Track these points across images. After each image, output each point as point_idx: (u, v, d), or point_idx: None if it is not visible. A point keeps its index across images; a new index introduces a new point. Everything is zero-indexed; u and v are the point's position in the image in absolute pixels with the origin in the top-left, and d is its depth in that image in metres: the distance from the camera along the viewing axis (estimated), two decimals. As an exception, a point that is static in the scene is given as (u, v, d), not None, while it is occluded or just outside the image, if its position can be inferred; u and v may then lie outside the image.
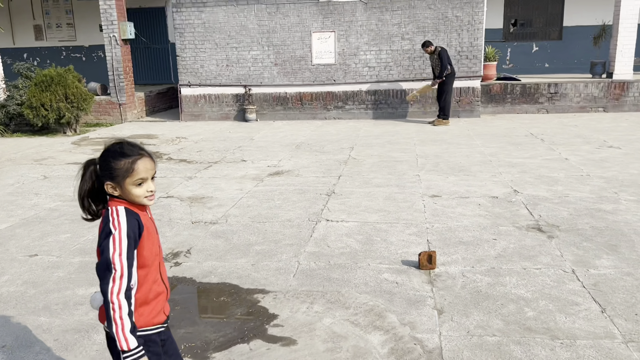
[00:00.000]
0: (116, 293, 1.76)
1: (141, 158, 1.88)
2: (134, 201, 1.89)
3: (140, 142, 2.02)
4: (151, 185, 1.91)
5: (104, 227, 1.84)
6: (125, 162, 1.85)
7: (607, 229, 4.68)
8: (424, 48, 10.45)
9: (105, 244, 1.79)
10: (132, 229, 1.83)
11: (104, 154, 1.89)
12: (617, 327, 3.13)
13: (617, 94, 11.56)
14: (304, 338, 3.14)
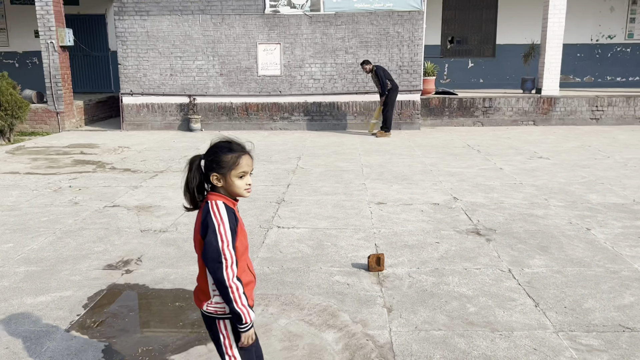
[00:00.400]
0: (232, 278, 1.99)
1: (245, 154, 2.09)
2: (235, 192, 2.09)
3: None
4: (249, 179, 2.12)
5: (204, 218, 2.02)
6: (232, 157, 2.05)
7: (538, 232, 5.05)
8: (362, 67, 10.79)
9: (213, 237, 1.99)
10: (232, 222, 2.03)
11: (212, 149, 2.09)
12: (549, 319, 3.42)
13: (546, 109, 12.36)
14: (261, 338, 3.23)
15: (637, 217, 5.47)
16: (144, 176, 7.60)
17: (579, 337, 3.19)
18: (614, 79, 15.23)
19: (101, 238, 5.02)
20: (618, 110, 12.32)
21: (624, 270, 4.17)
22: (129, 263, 4.42)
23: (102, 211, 5.89)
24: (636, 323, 3.35)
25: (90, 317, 3.52)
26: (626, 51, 15.12)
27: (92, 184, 7.13)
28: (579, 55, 15.05)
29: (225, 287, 1.99)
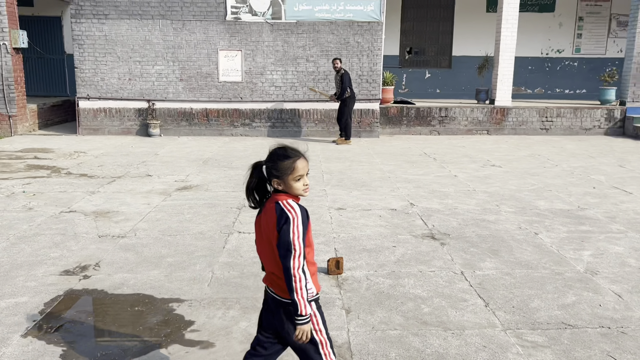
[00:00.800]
0: (297, 268, 2.18)
1: (300, 158, 2.28)
2: (294, 193, 2.29)
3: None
4: (307, 180, 2.31)
5: (280, 215, 2.22)
6: (288, 162, 2.25)
7: (490, 237, 5.28)
8: (333, 61, 10.96)
9: (286, 229, 2.19)
10: (304, 217, 2.24)
11: (270, 156, 2.30)
12: (498, 318, 3.61)
13: (499, 119, 12.83)
14: (221, 341, 3.28)
15: (581, 222, 5.79)
16: (101, 181, 7.49)
17: (525, 335, 3.38)
18: (562, 91, 15.93)
19: (57, 244, 4.94)
20: (566, 121, 12.91)
21: (567, 272, 4.41)
22: (86, 269, 4.38)
23: (58, 217, 5.79)
24: (577, 320, 3.57)
25: (47, 322, 3.48)
26: (574, 65, 15.86)
27: (47, 189, 6.98)
28: (530, 68, 15.70)
29: (290, 275, 2.19)
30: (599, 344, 3.27)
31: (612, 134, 12.90)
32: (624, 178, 8.08)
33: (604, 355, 3.15)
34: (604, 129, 12.92)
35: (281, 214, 2.22)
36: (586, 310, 3.73)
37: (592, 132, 12.91)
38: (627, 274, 4.38)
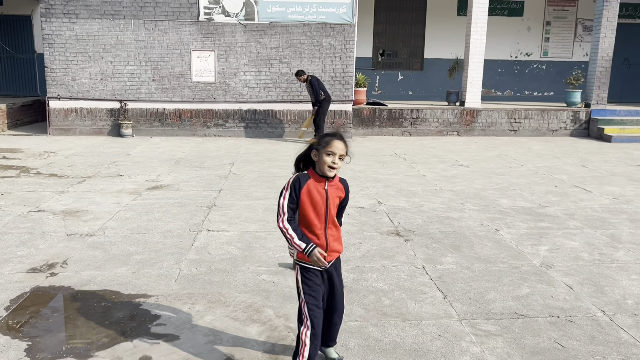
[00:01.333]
0: (281, 221, 2.75)
1: (337, 139, 2.73)
2: (322, 168, 2.73)
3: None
4: (337, 160, 2.71)
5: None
6: (329, 138, 2.73)
7: (452, 233, 5.46)
8: (297, 77, 11.08)
9: (280, 195, 2.79)
10: (294, 184, 2.76)
11: (322, 136, 2.80)
12: (455, 309, 3.76)
13: (469, 120, 13.11)
14: (186, 334, 3.36)
15: (541, 219, 6.01)
16: (71, 181, 7.47)
17: (479, 324, 3.54)
18: (531, 94, 16.34)
19: (24, 242, 4.95)
20: (534, 123, 13.26)
21: (524, 265, 4.61)
22: (54, 266, 4.40)
23: (26, 216, 5.78)
24: (529, 311, 3.75)
25: (13, 318, 3.51)
26: (542, 68, 16.28)
27: (15, 189, 6.93)
28: (499, 71, 16.06)
29: (281, 231, 2.75)
30: (547, 332, 3.45)
31: (577, 135, 13.29)
32: (585, 177, 8.38)
33: (552, 342, 3.33)
34: (569, 131, 13.31)
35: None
36: (538, 301, 3.91)
37: (559, 133, 13.29)
38: (580, 267, 4.59)
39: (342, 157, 2.74)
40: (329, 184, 2.81)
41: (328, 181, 2.80)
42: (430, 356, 3.14)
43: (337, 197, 2.87)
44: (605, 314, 3.71)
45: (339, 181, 2.89)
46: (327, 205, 2.81)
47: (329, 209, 2.82)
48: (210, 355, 3.11)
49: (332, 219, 2.86)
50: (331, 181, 2.82)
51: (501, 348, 3.25)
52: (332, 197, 2.83)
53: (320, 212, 2.80)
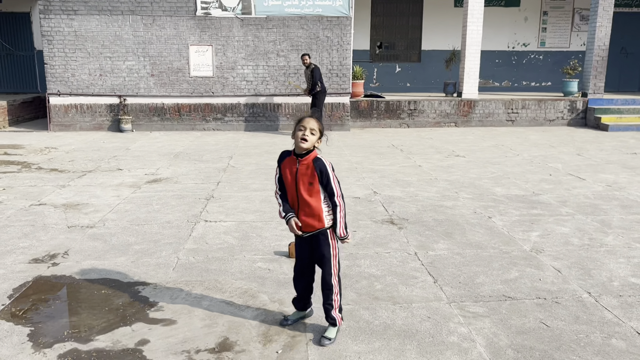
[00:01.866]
0: (274, 193, 3.27)
1: (308, 117, 3.05)
2: (296, 143, 3.05)
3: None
4: (307, 133, 3.00)
5: None
6: (301, 117, 3.08)
7: (446, 221, 5.56)
8: (302, 57, 11.15)
9: None
10: (278, 158, 3.18)
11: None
12: (445, 292, 3.87)
13: (466, 111, 13.18)
14: (183, 318, 3.48)
15: (534, 207, 6.11)
16: (71, 176, 7.58)
17: (467, 307, 3.65)
18: (529, 84, 16.39)
19: (27, 234, 5.06)
20: (531, 113, 13.33)
21: (514, 251, 4.71)
22: (55, 257, 4.52)
23: (27, 209, 5.89)
24: (517, 293, 3.86)
25: (16, 306, 3.63)
26: (539, 58, 16.31)
27: (17, 184, 7.05)
28: (497, 61, 16.10)
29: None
30: (534, 313, 3.56)
31: (574, 124, 13.36)
32: (580, 166, 8.46)
33: (537, 322, 3.43)
34: (567, 120, 13.38)
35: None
36: (527, 284, 4.02)
37: (556, 123, 13.35)
38: (569, 251, 4.70)
39: (314, 132, 3.01)
40: (300, 163, 3.05)
41: (299, 161, 3.05)
42: (419, 337, 3.25)
43: (308, 177, 3.04)
44: (591, 295, 3.82)
45: (312, 161, 3.05)
46: (296, 183, 3.06)
47: (299, 188, 3.06)
48: (207, 338, 3.22)
49: (302, 198, 3.06)
50: (302, 160, 3.04)
51: (488, 328, 3.36)
52: (301, 176, 3.05)
53: (291, 189, 3.10)
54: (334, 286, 3.21)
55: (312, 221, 3.10)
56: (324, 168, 3.04)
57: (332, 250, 3.17)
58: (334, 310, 3.21)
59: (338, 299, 3.23)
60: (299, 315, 3.42)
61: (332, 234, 3.16)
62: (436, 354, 3.06)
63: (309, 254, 3.24)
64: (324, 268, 3.20)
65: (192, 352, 3.07)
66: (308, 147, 3.03)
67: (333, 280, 3.20)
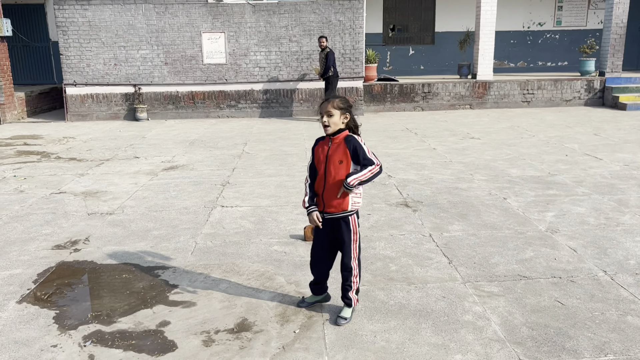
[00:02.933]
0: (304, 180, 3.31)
1: (322, 102, 3.09)
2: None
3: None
4: (325, 118, 3.04)
5: None
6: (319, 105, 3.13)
7: (460, 202, 5.56)
8: (319, 39, 11.12)
9: None
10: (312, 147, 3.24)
11: None
12: (459, 272, 3.90)
13: (481, 93, 13.06)
14: (202, 301, 3.56)
15: (549, 187, 6.08)
16: (90, 164, 7.71)
17: (482, 286, 3.68)
18: (544, 64, 16.15)
19: (48, 222, 5.19)
20: (547, 93, 13.16)
21: (529, 231, 4.71)
22: (76, 243, 4.63)
23: (48, 197, 6.02)
24: (532, 273, 3.87)
25: (41, 290, 3.74)
26: (555, 37, 16.05)
27: (37, 173, 7.19)
28: (512, 42, 15.88)
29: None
30: (549, 292, 3.57)
31: (591, 104, 13.17)
32: (597, 146, 8.37)
33: (552, 301, 3.45)
34: (584, 100, 13.19)
35: None
36: (542, 263, 4.03)
37: (573, 103, 13.18)
38: (585, 231, 4.68)
39: (331, 114, 3.02)
40: (332, 142, 3.09)
41: (332, 139, 3.09)
42: (433, 316, 3.29)
43: (339, 155, 3.05)
44: (606, 274, 3.82)
45: (343, 139, 3.08)
46: (326, 164, 3.08)
47: (328, 166, 3.07)
48: (225, 319, 3.30)
49: (330, 176, 3.06)
50: (334, 139, 3.08)
51: (503, 307, 3.38)
52: (332, 154, 3.07)
53: (320, 169, 3.12)
54: (354, 268, 3.22)
55: (336, 201, 3.09)
56: (357, 144, 3.04)
57: (353, 236, 3.18)
58: (352, 291, 3.24)
59: (357, 281, 3.27)
60: (315, 299, 3.46)
61: (354, 220, 3.16)
62: (451, 332, 3.10)
63: (327, 240, 3.24)
64: (344, 252, 3.22)
65: (211, 333, 3.15)
66: (332, 130, 3.06)
67: (353, 263, 3.21)
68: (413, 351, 2.92)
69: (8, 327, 3.24)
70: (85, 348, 3.01)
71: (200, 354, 2.93)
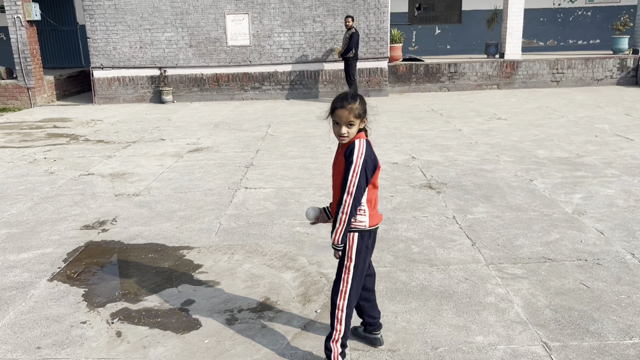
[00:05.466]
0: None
1: (339, 107, 2.44)
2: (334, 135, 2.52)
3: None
4: (343, 130, 2.46)
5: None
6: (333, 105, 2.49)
7: (485, 184, 5.50)
8: (346, 19, 11.00)
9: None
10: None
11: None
12: (482, 255, 3.87)
13: (509, 73, 12.79)
14: (226, 280, 3.62)
15: (577, 169, 5.95)
16: (117, 146, 7.85)
17: (505, 268, 3.65)
18: (575, 42, 15.69)
19: (77, 202, 5.32)
20: (577, 73, 12.81)
21: (555, 213, 4.63)
22: (104, 223, 4.74)
23: (77, 179, 6.17)
24: (557, 255, 3.82)
25: (71, 269, 3.86)
26: (587, 14, 15.56)
27: (66, 155, 7.36)
28: (541, 20, 15.45)
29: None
30: (573, 274, 3.53)
31: (624, 83, 12.77)
32: (629, 126, 8.14)
33: (577, 284, 3.41)
34: (616, 79, 12.80)
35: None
36: (567, 246, 3.97)
37: (604, 82, 12.80)
38: (613, 213, 4.59)
39: (352, 124, 2.44)
40: (342, 148, 2.54)
41: (341, 145, 2.55)
42: (455, 297, 3.28)
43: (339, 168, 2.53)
44: (634, 257, 3.74)
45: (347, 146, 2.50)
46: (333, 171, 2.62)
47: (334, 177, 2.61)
48: (248, 298, 3.35)
49: (335, 189, 2.58)
50: (344, 145, 2.52)
51: (526, 289, 3.35)
52: (336, 164, 2.59)
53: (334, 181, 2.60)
54: (337, 307, 2.58)
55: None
56: (351, 154, 2.44)
57: (346, 261, 2.58)
58: (332, 340, 2.61)
59: (340, 329, 2.59)
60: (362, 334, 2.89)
61: (351, 240, 2.56)
62: (473, 314, 3.09)
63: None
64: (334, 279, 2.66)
65: (235, 311, 3.21)
66: (348, 141, 2.49)
67: (337, 298, 2.60)
68: (434, 332, 2.93)
69: (40, 304, 3.36)
70: (113, 325, 3.10)
71: (224, 332, 2.99)
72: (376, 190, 2.62)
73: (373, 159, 2.50)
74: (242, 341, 2.91)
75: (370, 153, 2.50)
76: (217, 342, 2.90)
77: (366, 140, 2.52)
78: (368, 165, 2.46)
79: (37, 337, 3.01)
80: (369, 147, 2.50)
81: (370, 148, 2.51)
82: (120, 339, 2.96)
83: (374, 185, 2.57)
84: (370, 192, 2.56)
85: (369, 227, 2.60)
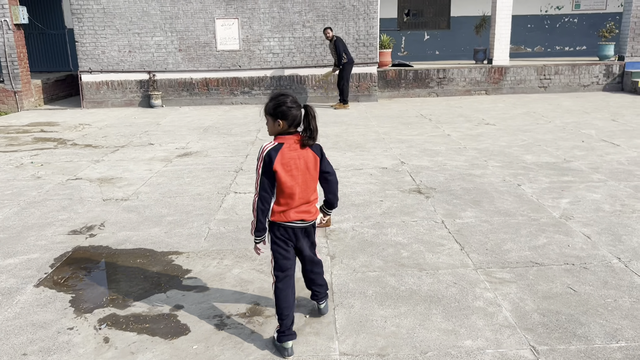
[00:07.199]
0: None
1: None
2: None
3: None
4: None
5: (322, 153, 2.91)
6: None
7: (474, 189, 5.53)
8: (324, 31, 11.06)
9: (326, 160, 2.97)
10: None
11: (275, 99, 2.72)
12: (471, 259, 3.89)
13: (497, 78, 12.90)
14: (215, 285, 3.61)
15: (564, 174, 6.01)
16: (105, 151, 7.79)
17: (494, 272, 3.67)
18: (562, 49, 15.88)
19: (65, 207, 5.27)
20: (564, 78, 12.95)
21: (543, 217, 4.67)
22: (92, 228, 4.71)
23: (64, 184, 6.11)
24: (545, 259, 3.85)
25: (58, 274, 3.82)
26: (573, 21, 15.76)
27: (53, 160, 7.29)
28: (529, 26, 15.63)
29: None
30: (561, 278, 3.56)
31: (610, 89, 12.94)
32: (614, 132, 8.24)
33: (564, 287, 3.43)
34: (602, 85, 12.96)
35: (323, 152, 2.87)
36: (555, 250, 4.00)
37: (591, 88, 12.96)
38: (600, 217, 4.63)
39: (267, 121, 2.78)
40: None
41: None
42: (444, 302, 3.30)
43: None
44: (620, 261, 3.78)
45: None
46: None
47: None
48: (237, 304, 3.34)
49: None
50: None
51: (514, 294, 3.38)
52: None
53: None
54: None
55: None
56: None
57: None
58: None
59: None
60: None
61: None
62: (461, 318, 3.10)
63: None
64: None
65: (224, 317, 3.19)
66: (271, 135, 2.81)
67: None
68: (423, 336, 2.93)
69: (26, 310, 3.32)
70: (100, 331, 3.07)
71: (213, 338, 2.98)
72: (288, 189, 2.78)
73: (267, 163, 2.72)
74: (231, 346, 2.90)
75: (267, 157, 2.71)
76: (206, 348, 2.89)
77: (276, 143, 2.72)
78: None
79: (23, 343, 2.97)
80: (268, 153, 2.70)
81: (270, 154, 2.69)
82: (108, 345, 2.94)
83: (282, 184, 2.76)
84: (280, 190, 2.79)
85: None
